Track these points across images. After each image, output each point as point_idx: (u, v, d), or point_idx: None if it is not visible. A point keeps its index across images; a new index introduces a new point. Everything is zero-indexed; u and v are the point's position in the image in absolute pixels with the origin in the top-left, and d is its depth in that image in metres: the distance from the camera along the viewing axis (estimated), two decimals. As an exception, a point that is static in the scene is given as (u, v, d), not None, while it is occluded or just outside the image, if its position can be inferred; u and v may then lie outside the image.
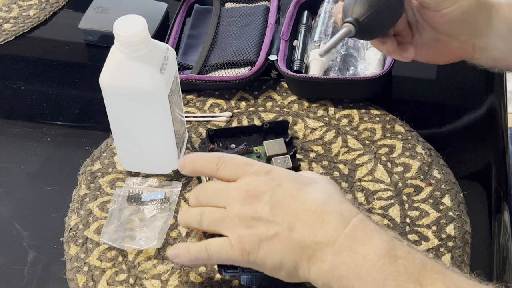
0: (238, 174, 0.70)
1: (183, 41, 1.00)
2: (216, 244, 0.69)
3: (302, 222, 0.66)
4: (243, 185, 0.69)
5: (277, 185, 0.68)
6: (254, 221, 0.67)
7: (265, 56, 0.95)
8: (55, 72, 1.01)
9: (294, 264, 0.66)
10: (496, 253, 0.77)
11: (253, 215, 0.67)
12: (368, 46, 0.96)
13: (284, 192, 0.68)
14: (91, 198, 0.83)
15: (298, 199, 0.67)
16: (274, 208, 0.67)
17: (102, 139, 0.90)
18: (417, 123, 0.89)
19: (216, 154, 0.73)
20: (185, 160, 0.74)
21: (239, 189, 0.69)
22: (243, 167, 0.70)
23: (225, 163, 0.71)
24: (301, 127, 0.90)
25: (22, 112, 0.95)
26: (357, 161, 0.86)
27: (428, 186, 0.82)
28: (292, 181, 0.69)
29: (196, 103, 0.94)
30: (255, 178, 0.69)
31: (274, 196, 0.67)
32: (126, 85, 0.77)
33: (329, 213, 0.66)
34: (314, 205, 0.67)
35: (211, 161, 0.72)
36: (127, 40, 0.75)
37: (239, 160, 0.71)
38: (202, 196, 0.72)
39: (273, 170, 0.70)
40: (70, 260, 0.78)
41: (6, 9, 1.09)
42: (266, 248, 0.66)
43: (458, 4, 0.77)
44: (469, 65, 0.85)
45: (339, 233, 0.65)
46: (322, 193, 0.68)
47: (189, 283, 0.75)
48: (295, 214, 0.66)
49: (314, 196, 0.67)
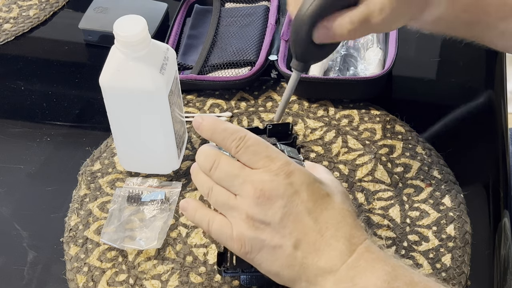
0: (257, 164, 0.65)
1: (183, 41, 1.00)
2: (218, 225, 0.67)
3: (309, 242, 0.64)
4: (260, 183, 0.65)
5: (294, 192, 0.65)
6: (262, 225, 0.65)
7: (265, 56, 0.95)
8: (55, 72, 1.00)
9: (292, 279, 0.65)
10: (496, 263, 0.77)
11: (262, 218, 0.65)
12: (368, 46, 0.96)
13: (299, 202, 0.65)
14: (91, 198, 0.83)
15: (312, 215, 0.65)
16: (285, 218, 0.65)
17: (102, 139, 0.90)
18: (417, 123, 0.89)
19: (238, 132, 0.66)
20: (203, 122, 0.67)
21: (254, 185, 0.65)
22: (264, 159, 0.65)
23: (246, 148, 0.65)
24: (301, 127, 0.90)
25: (22, 112, 0.95)
26: (357, 161, 0.86)
27: (428, 186, 0.82)
28: (310, 191, 0.65)
29: (196, 103, 0.93)
30: (274, 178, 0.65)
31: (289, 205, 0.64)
32: (126, 85, 0.77)
33: (337, 238, 0.64)
34: (325, 226, 0.65)
35: (232, 138, 0.66)
36: (127, 40, 0.75)
37: (262, 149, 0.66)
38: (215, 174, 0.67)
39: (295, 173, 0.65)
40: (70, 260, 0.78)
41: (6, 9, 1.09)
42: (266, 255, 0.65)
43: None
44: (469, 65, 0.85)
45: (342, 262, 0.63)
46: (336, 213, 0.66)
47: (189, 283, 0.75)
48: (304, 232, 0.64)
49: (327, 215, 0.65)
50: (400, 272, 0.63)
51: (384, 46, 0.96)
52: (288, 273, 0.65)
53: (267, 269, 0.66)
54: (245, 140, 0.66)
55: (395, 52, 0.92)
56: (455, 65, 0.98)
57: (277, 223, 0.64)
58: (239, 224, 0.66)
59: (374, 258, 0.64)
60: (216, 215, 0.68)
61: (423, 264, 0.75)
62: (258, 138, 0.67)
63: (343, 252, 0.64)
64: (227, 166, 0.67)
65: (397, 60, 0.92)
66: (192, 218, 0.70)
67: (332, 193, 0.67)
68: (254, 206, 0.65)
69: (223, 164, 0.67)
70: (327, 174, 0.73)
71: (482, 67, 0.99)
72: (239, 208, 0.66)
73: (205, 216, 0.69)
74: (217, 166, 0.67)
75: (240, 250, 0.66)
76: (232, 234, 0.66)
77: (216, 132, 0.67)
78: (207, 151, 0.68)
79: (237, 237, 0.66)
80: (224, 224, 0.67)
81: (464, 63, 0.98)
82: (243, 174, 0.66)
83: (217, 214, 0.68)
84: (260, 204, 0.65)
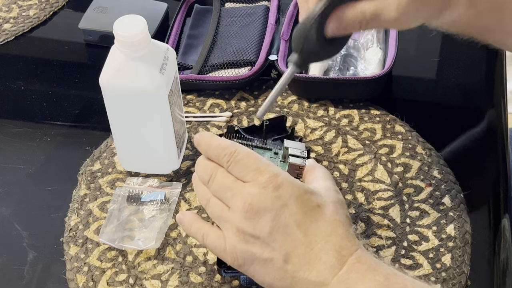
0: (246, 178, 0.66)
1: (183, 41, 1.00)
2: (212, 239, 0.68)
3: (299, 255, 0.64)
4: (249, 196, 0.65)
5: (282, 205, 0.65)
6: (252, 238, 0.65)
7: (265, 56, 0.95)
8: (55, 72, 1.00)
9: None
10: (496, 264, 0.77)
11: (251, 232, 0.65)
12: (368, 46, 0.96)
13: (288, 215, 0.65)
14: (91, 198, 0.83)
15: (301, 228, 0.65)
16: (274, 232, 0.64)
17: (102, 139, 0.90)
18: (417, 123, 0.89)
19: (230, 147, 0.68)
20: (200, 139, 0.70)
21: (243, 199, 0.65)
22: (252, 172, 0.66)
23: (236, 162, 0.67)
24: (301, 127, 0.90)
25: (22, 112, 0.95)
26: (357, 161, 0.86)
27: (428, 186, 0.82)
28: (300, 203, 0.65)
29: (196, 103, 0.93)
30: (261, 192, 0.65)
31: (277, 218, 0.64)
32: (126, 85, 0.77)
33: (327, 251, 0.64)
34: (315, 239, 0.65)
35: (223, 153, 0.67)
36: (127, 40, 0.75)
37: (251, 162, 0.67)
38: (211, 186, 0.68)
39: (283, 186, 0.65)
40: (70, 260, 0.78)
41: (6, 9, 1.09)
42: (257, 268, 0.66)
43: None
44: (469, 65, 0.85)
45: (333, 275, 0.63)
46: (326, 225, 0.65)
47: (189, 283, 0.75)
48: (293, 246, 0.64)
49: (317, 227, 0.65)
50: (393, 280, 0.63)
51: (384, 46, 0.96)
52: (281, 285, 0.65)
53: (260, 281, 0.67)
54: (235, 154, 0.67)
55: (395, 52, 0.92)
56: (455, 65, 0.98)
57: (266, 236, 0.65)
58: (231, 237, 0.66)
59: (366, 269, 0.63)
60: (211, 229, 0.69)
61: (423, 264, 0.75)
62: (249, 151, 0.68)
63: (333, 265, 0.64)
64: (222, 178, 0.68)
65: (397, 60, 0.92)
66: (188, 231, 0.72)
67: (323, 203, 0.67)
68: (243, 220, 0.65)
69: (218, 176, 0.68)
70: (323, 181, 0.71)
71: (482, 67, 0.99)
72: (230, 221, 0.67)
73: (200, 229, 0.70)
74: (214, 178, 0.68)
75: (233, 262, 0.67)
76: (225, 247, 0.67)
77: (211, 149, 0.69)
78: (205, 163, 0.69)
79: (230, 250, 0.66)
80: (218, 237, 0.68)
81: (464, 63, 0.98)
82: (234, 186, 0.67)
83: (212, 228, 0.69)
84: (248, 218, 0.65)
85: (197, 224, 0.70)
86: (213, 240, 0.68)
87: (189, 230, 0.71)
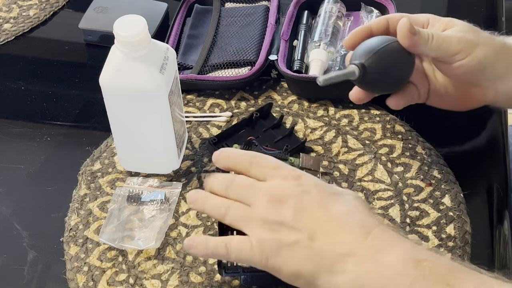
0: (268, 175, 0.70)
1: (183, 41, 1.00)
2: (237, 243, 0.68)
3: (324, 232, 0.65)
4: (270, 188, 0.68)
5: (303, 191, 0.68)
6: (276, 226, 0.66)
7: (265, 56, 0.95)
8: (55, 72, 1.01)
9: (313, 274, 0.65)
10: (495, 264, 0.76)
11: (276, 219, 0.66)
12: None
13: (309, 199, 0.67)
14: (91, 198, 0.83)
15: (322, 208, 0.67)
16: (297, 214, 0.66)
17: (102, 139, 0.90)
18: (417, 123, 0.89)
19: (249, 153, 0.72)
20: (219, 155, 0.73)
21: (265, 191, 0.68)
22: (273, 169, 0.70)
23: (258, 163, 0.71)
24: (301, 127, 0.90)
25: (22, 112, 0.95)
26: (357, 161, 0.86)
27: (428, 186, 0.82)
28: (320, 189, 0.68)
29: (196, 103, 0.94)
30: (282, 182, 0.69)
31: (299, 202, 0.67)
32: (126, 85, 0.77)
33: (350, 224, 0.65)
34: (337, 215, 0.66)
35: (245, 159, 0.72)
36: (127, 40, 0.75)
37: (271, 162, 0.71)
38: (232, 189, 0.70)
39: (303, 176, 0.69)
40: (70, 260, 0.78)
41: (6, 9, 1.09)
42: (285, 254, 0.66)
43: (474, 55, 0.76)
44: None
45: (360, 244, 0.64)
46: (347, 204, 0.67)
47: (189, 283, 0.75)
48: (317, 223, 0.66)
49: (338, 207, 0.67)
50: (419, 248, 0.64)
51: (384, 46, 0.96)
52: (308, 267, 0.65)
53: (288, 270, 0.66)
54: (257, 156, 0.72)
55: (395, 52, 0.92)
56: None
57: (290, 220, 0.66)
58: (256, 232, 0.67)
59: (393, 237, 0.65)
60: (230, 237, 0.69)
61: (423, 264, 0.75)
62: (267, 155, 0.73)
63: (358, 235, 0.65)
64: (243, 179, 0.71)
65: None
66: (206, 252, 0.70)
67: (342, 192, 0.69)
68: (266, 210, 0.67)
69: (238, 179, 0.71)
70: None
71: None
72: (254, 216, 0.68)
73: (219, 242, 0.69)
74: (233, 181, 0.71)
75: (261, 257, 0.66)
76: (252, 244, 0.67)
77: (231, 158, 0.73)
78: (221, 174, 0.73)
79: (256, 244, 0.67)
80: (241, 240, 0.68)
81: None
82: (256, 184, 0.70)
83: (231, 236, 0.70)
84: (272, 207, 0.67)
85: (213, 241, 0.69)
86: (238, 244, 0.68)
87: (206, 252, 0.70)
